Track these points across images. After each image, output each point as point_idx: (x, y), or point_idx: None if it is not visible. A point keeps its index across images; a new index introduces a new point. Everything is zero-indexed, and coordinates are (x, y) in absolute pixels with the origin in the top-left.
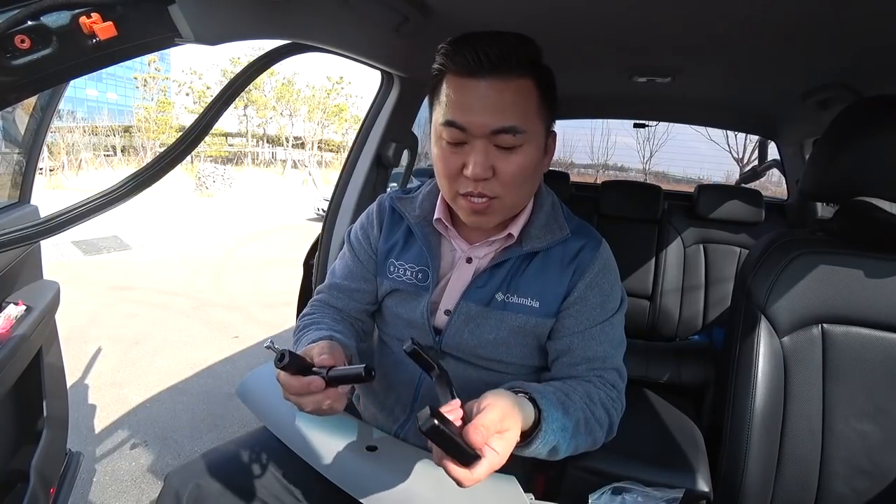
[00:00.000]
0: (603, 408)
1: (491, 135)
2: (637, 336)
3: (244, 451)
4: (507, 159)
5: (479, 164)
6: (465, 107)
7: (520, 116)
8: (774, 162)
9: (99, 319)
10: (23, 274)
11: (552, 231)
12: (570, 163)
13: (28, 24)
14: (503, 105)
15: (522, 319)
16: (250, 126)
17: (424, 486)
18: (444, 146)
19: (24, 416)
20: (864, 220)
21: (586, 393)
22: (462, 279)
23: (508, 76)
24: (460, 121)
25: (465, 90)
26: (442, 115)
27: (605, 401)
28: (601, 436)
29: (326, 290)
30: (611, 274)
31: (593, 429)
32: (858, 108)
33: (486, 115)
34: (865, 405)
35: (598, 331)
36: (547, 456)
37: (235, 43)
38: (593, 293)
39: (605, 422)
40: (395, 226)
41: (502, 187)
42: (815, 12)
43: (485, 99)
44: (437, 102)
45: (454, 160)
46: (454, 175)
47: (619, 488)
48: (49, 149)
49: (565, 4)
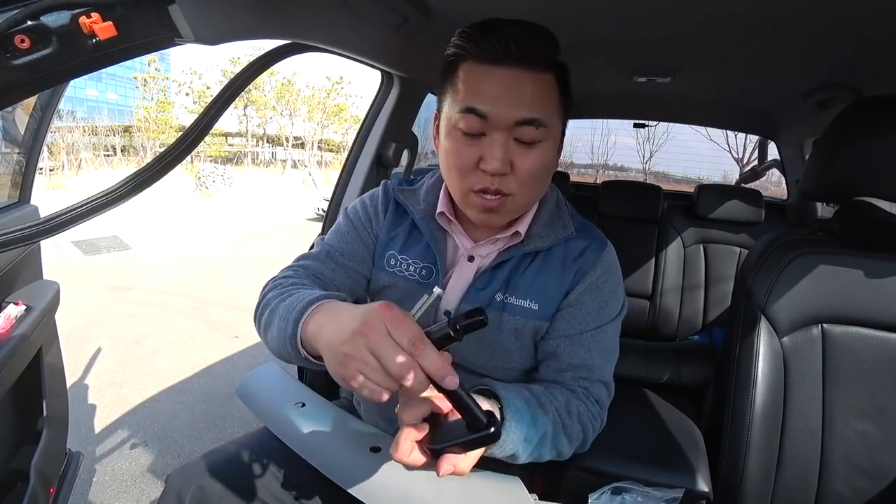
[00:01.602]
0: (580, 423)
1: (513, 126)
2: (637, 336)
3: (245, 451)
4: (525, 155)
5: (499, 157)
6: (487, 94)
7: (543, 110)
8: (774, 162)
9: (99, 319)
10: (23, 274)
11: (556, 229)
12: (570, 163)
13: (28, 23)
14: (528, 96)
15: (520, 322)
16: (250, 126)
17: (428, 487)
18: (460, 137)
19: (24, 415)
20: (864, 220)
21: (566, 404)
22: (463, 279)
23: (533, 68)
24: (482, 108)
25: (488, 77)
26: (459, 103)
27: (585, 416)
28: (568, 450)
29: (315, 258)
30: (613, 278)
31: (560, 442)
32: (858, 108)
33: (510, 104)
34: (865, 405)
35: (588, 337)
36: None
37: (235, 43)
38: (591, 297)
39: (577, 437)
40: (398, 217)
41: (518, 185)
42: (815, 12)
43: (509, 88)
44: (452, 90)
45: (470, 153)
46: (468, 169)
47: (619, 488)
48: (49, 149)
49: (565, 4)
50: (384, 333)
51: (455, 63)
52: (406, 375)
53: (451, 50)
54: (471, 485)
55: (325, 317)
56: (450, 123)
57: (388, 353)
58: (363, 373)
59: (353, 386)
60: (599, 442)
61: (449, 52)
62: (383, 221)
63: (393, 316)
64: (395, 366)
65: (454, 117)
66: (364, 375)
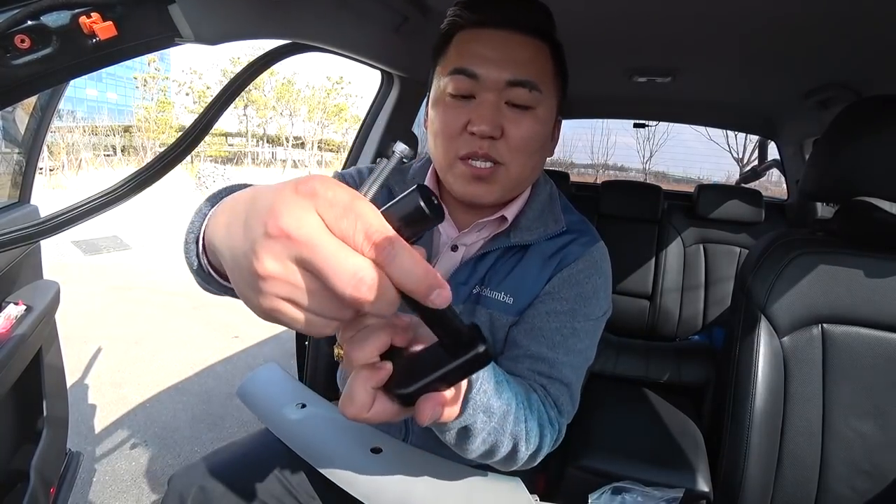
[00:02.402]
0: (537, 422)
1: (504, 88)
2: (637, 336)
3: (247, 453)
4: (517, 121)
5: (488, 118)
6: (479, 55)
7: (537, 74)
8: (774, 162)
9: (99, 319)
10: (23, 274)
11: (545, 223)
12: (570, 163)
13: (28, 23)
14: (521, 58)
15: (493, 315)
16: (250, 126)
17: (431, 488)
18: (448, 101)
19: (24, 416)
20: (864, 220)
21: (525, 393)
22: (446, 270)
23: (527, 33)
24: (472, 68)
25: (480, 40)
26: (450, 66)
27: (543, 418)
28: (524, 449)
29: None
30: (598, 278)
31: (518, 436)
32: (858, 108)
33: (502, 65)
34: (865, 405)
35: (554, 330)
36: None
37: (235, 43)
38: (568, 289)
39: (534, 438)
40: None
41: (510, 153)
42: (815, 12)
43: (502, 49)
44: (443, 60)
45: (457, 115)
46: (455, 133)
47: (619, 488)
48: (49, 149)
49: (565, 4)
50: (320, 229)
51: (449, 35)
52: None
53: (445, 22)
54: (471, 485)
55: (225, 208)
56: (438, 91)
57: (332, 262)
58: (292, 299)
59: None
60: (600, 442)
61: (443, 26)
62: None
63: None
64: (348, 284)
65: (443, 83)
66: (293, 303)
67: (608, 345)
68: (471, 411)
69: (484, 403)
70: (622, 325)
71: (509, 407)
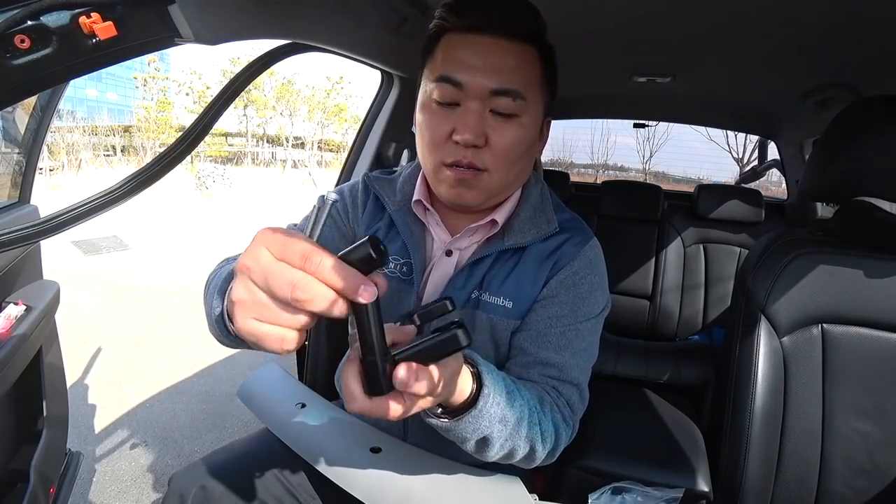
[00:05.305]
0: (552, 422)
1: (489, 97)
2: (637, 336)
3: (247, 452)
4: (501, 129)
5: (472, 127)
6: (464, 62)
7: (522, 82)
8: (774, 162)
9: (99, 319)
10: (23, 274)
11: (538, 224)
12: (570, 163)
13: (28, 23)
14: (506, 66)
15: (494, 320)
16: (250, 126)
17: (430, 488)
18: (433, 108)
19: (24, 416)
20: (864, 220)
21: (538, 397)
22: (442, 276)
23: (514, 39)
24: (456, 76)
25: (466, 46)
26: (436, 72)
27: (557, 416)
28: (541, 450)
29: None
30: (594, 276)
31: (535, 438)
32: (858, 108)
33: (487, 73)
34: (865, 405)
35: (558, 333)
36: (475, 448)
37: (235, 43)
38: (566, 291)
39: (549, 438)
40: (377, 211)
41: (493, 159)
42: (814, 12)
43: (487, 57)
44: (430, 63)
45: (442, 124)
46: (441, 141)
47: (619, 488)
48: (49, 149)
49: (565, 4)
50: (269, 260)
51: (436, 37)
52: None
53: (432, 24)
54: (471, 485)
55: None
56: (425, 96)
57: (276, 277)
58: (257, 316)
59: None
60: (599, 442)
61: (430, 27)
62: (361, 217)
63: (276, 238)
64: (284, 288)
65: (429, 88)
66: (257, 318)
67: (608, 345)
68: (487, 422)
69: (499, 414)
70: (622, 325)
71: (523, 413)
